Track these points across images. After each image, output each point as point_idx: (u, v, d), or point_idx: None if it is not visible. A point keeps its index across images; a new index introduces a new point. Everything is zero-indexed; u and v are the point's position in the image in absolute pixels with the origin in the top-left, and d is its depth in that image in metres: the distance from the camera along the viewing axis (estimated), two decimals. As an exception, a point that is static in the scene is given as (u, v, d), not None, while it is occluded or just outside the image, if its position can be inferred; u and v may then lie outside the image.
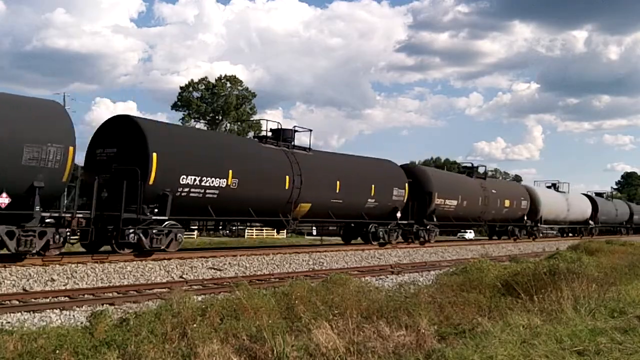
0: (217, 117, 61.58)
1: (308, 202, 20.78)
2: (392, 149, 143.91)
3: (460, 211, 29.57)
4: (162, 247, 16.05)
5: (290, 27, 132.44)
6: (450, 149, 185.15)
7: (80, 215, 13.87)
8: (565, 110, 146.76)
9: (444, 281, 11.14)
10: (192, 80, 62.52)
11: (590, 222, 46.92)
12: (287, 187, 19.72)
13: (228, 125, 61.35)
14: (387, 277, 15.38)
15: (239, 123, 61.30)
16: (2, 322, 8.29)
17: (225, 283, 12.93)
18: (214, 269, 15.38)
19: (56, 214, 13.48)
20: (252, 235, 45.25)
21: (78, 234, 14.30)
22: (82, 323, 7.69)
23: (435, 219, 27.55)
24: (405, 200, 25.45)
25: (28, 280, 12.03)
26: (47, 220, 13.34)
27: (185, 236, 18.03)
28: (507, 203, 34.73)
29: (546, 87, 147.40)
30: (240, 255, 17.56)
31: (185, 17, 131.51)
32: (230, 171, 17.54)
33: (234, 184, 17.62)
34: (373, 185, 23.80)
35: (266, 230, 44.32)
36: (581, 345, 6.60)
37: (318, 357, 6.15)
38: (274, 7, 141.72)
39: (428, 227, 27.27)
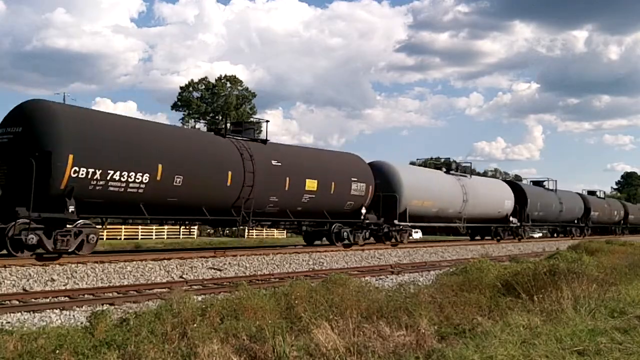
0: (217, 117, 61.58)
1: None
2: (392, 149, 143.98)
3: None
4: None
5: (291, 27, 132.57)
6: (450, 149, 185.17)
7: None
8: (566, 110, 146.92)
9: (444, 281, 11.13)
10: (192, 80, 62.65)
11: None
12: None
13: (228, 125, 61.33)
14: (387, 277, 15.39)
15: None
16: (2, 322, 8.29)
17: (225, 283, 12.94)
18: (214, 269, 15.39)
19: None
20: (252, 235, 45.28)
21: None
22: (82, 323, 7.69)
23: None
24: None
25: (28, 280, 12.04)
26: None
27: (184, 236, 17.92)
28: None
29: (546, 87, 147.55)
30: (240, 256, 17.56)
31: (186, 17, 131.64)
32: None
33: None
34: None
35: (266, 230, 44.31)
36: (581, 345, 6.59)
37: (318, 357, 6.15)
38: (274, 7, 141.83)
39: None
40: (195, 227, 36.06)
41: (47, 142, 13.41)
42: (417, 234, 47.45)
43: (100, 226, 15.88)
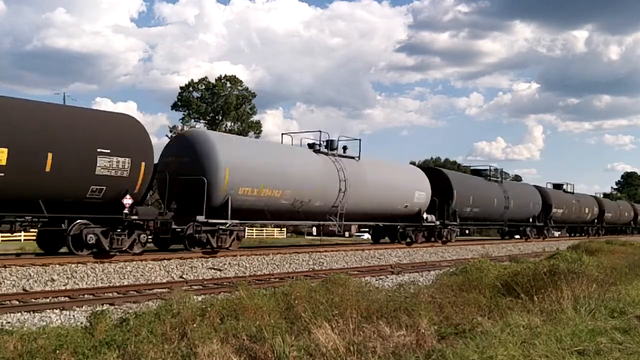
0: (217, 117, 61.61)
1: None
2: (392, 149, 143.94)
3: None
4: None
5: (291, 27, 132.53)
6: (450, 149, 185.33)
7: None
8: (566, 110, 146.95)
9: (444, 281, 11.13)
10: (192, 80, 62.62)
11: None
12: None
13: (228, 125, 61.38)
14: (387, 277, 15.38)
15: (239, 123, 61.36)
16: (2, 322, 8.30)
17: (225, 283, 12.94)
18: (214, 269, 15.38)
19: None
20: (253, 235, 45.29)
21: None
22: (82, 323, 7.69)
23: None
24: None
25: (28, 280, 12.04)
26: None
27: None
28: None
29: (547, 87, 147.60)
30: (240, 256, 17.56)
31: (186, 17, 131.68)
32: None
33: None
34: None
35: (266, 230, 44.43)
36: (581, 345, 6.59)
37: (318, 357, 6.15)
38: (274, 7, 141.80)
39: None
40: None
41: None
42: (365, 235, 47.64)
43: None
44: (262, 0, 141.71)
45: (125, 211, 14.55)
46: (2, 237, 28.06)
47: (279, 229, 51.41)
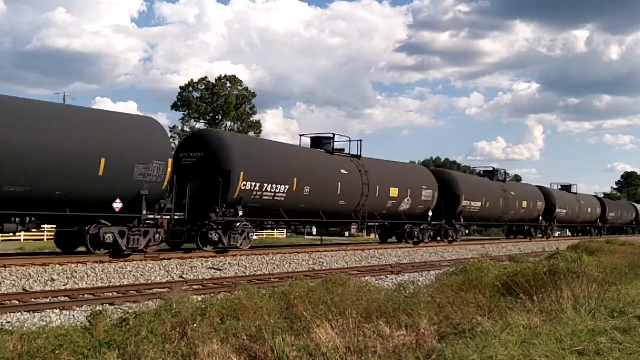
0: (217, 117, 61.60)
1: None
2: (392, 149, 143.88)
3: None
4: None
5: (291, 26, 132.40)
6: (450, 148, 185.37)
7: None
8: (566, 110, 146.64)
9: (444, 281, 11.13)
10: (192, 80, 62.56)
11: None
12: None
13: (228, 125, 61.39)
14: (387, 277, 15.38)
15: (239, 123, 61.37)
16: (2, 322, 8.30)
17: (225, 283, 12.94)
18: (214, 269, 15.38)
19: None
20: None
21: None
22: (82, 323, 7.69)
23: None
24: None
25: (28, 280, 12.04)
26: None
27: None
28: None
29: (547, 87, 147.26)
30: (240, 256, 17.57)
31: (186, 17, 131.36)
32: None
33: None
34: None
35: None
36: (581, 345, 6.60)
37: (318, 357, 6.15)
38: (274, 7, 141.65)
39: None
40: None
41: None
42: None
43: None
44: (262, 0, 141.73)
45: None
46: (2, 237, 28.17)
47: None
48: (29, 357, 5.63)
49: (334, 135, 23.33)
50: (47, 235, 38.91)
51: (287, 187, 19.04)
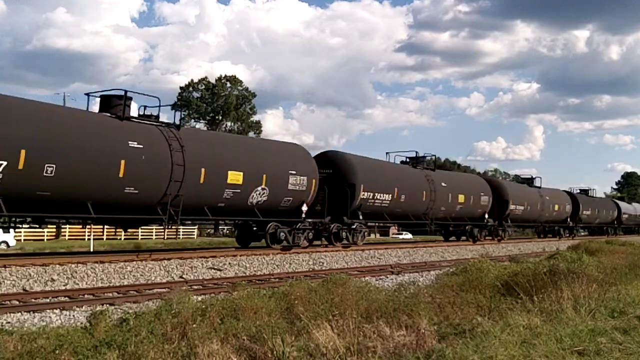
0: (217, 117, 61.61)
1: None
2: (392, 148, 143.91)
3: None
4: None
5: (291, 26, 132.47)
6: (450, 148, 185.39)
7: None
8: (566, 110, 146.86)
9: (443, 281, 11.13)
10: (192, 80, 62.62)
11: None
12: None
13: (228, 125, 61.38)
14: (387, 277, 15.38)
15: (239, 123, 61.37)
16: (2, 322, 8.29)
17: (225, 283, 12.93)
18: (214, 269, 15.38)
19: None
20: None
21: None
22: (82, 323, 7.68)
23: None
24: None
25: (28, 280, 12.04)
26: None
27: (184, 236, 18.65)
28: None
29: (547, 87, 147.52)
30: (240, 256, 17.56)
31: (186, 17, 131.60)
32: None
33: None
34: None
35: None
36: (581, 345, 6.59)
37: (318, 357, 6.15)
38: (274, 7, 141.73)
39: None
40: (195, 227, 40.09)
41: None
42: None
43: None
44: (262, 0, 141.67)
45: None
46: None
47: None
48: (29, 357, 5.63)
49: (416, 152, 28.79)
50: (47, 235, 38.98)
51: (390, 195, 24.42)
